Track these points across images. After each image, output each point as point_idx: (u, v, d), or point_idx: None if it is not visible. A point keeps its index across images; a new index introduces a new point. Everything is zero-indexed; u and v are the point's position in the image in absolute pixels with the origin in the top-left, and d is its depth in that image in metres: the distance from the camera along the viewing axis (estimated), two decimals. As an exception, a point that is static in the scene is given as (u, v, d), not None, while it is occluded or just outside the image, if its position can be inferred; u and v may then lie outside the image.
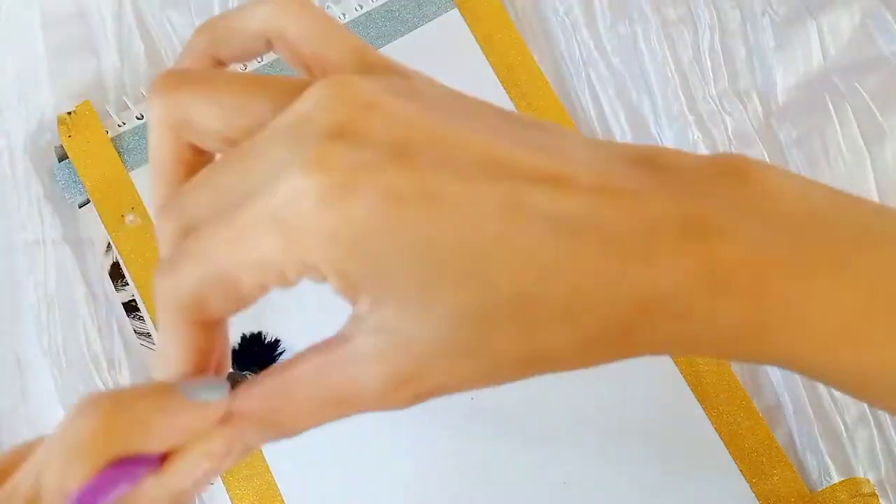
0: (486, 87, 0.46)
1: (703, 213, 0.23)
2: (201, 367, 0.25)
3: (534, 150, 0.23)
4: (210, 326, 0.25)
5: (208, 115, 0.24)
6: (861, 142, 0.45)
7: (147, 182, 0.44)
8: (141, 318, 0.43)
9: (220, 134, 0.24)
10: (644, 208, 0.23)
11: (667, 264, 0.23)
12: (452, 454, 0.41)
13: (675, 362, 0.42)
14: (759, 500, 0.40)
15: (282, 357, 0.42)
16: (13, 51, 0.47)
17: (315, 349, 0.24)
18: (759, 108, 0.46)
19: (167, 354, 0.24)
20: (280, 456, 0.41)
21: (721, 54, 0.47)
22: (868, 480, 0.40)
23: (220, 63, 0.27)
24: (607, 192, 0.23)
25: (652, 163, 0.24)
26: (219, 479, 0.41)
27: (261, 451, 0.41)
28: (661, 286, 0.23)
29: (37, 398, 0.42)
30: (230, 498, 0.40)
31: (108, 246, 0.44)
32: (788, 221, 0.23)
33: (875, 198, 0.45)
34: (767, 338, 0.23)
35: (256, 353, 0.42)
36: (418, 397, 0.24)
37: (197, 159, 0.25)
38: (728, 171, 0.24)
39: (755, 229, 0.23)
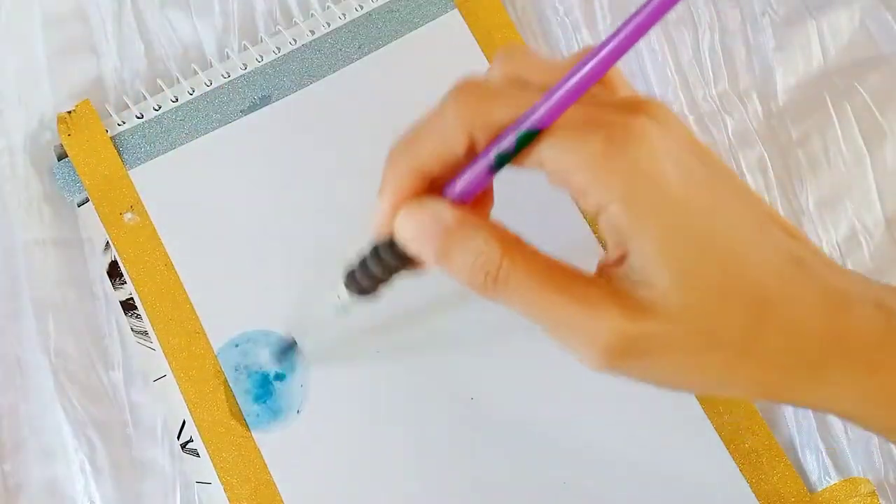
0: (486, 86, 0.46)
1: (891, 301, 0.29)
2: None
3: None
4: None
5: None
6: (861, 142, 0.45)
7: (151, 178, 0.44)
8: (138, 317, 0.43)
9: None
10: (850, 280, 0.30)
11: (864, 318, 0.29)
12: (452, 454, 0.41)
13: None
14: (758, 500, 0.40)
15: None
16: (13, 51, 0.47)
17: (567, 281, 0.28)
18: (759, 108, 0.46)
19: None
20: (278, 455, 0.41)
21: (721, 54, 0.47)
22: (867, 481, 0.40)
23: None
24: (831, 264, 0.29)
25: (846, 268, 0.32)
26: (216, 477, 0.41)
27: (259, 449, 0.41)
28: (858, 333, 0.28)
29: (37, 397, 0.42)
30: (228, 498, 0.40)
31: (107, 244, 0.44)
32: None
33: (875, 198, 0.45)
34: None
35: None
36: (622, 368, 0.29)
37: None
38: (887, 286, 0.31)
39: None
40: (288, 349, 0.42)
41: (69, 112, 0.45)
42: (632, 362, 0.28)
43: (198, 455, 0.41)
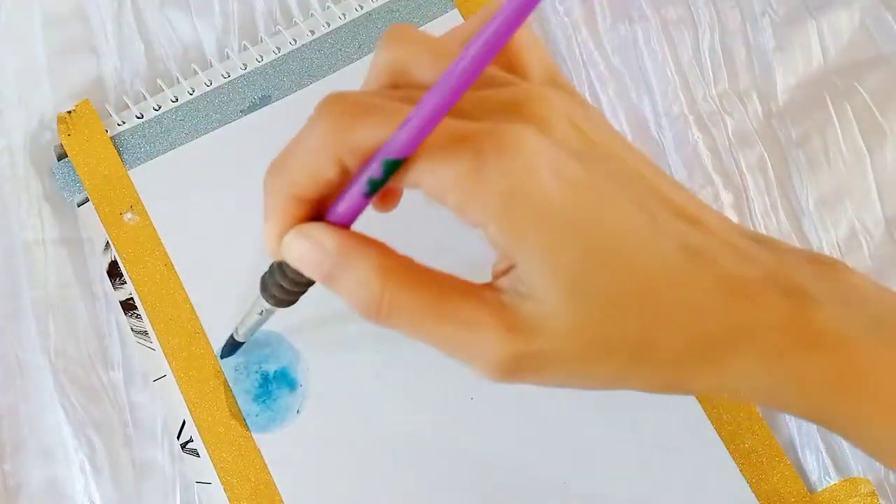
0: (486, 86, 0.46)
1: (800, 283, 0.28)
2: None
3: (681, 191, 0.29)
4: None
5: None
6: (861, 142, 0.45)
7: (151, 178, 0.44)
8: (138, 317, 0.43)
9: None
10: (755, 263, 0.28)
11: (767, 306, 0.27)
12: (452, 454, 0.41)
13: (674, 362, 0.42)
14: (758, 500, 0.40)
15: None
16: (13, 51, 0.47)
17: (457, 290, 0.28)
18: (759, 108, 0.46)
19: None
20: (278, 455, 0.41)
21: (721, 54, 0.47)
22: (867, 480, 0.40)
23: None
24: (729, 245, 0.28)
25: (762, 240, 0.29)
26: (216, 477, 0.41)
27: (259, 449, 0.41)
28: (760, 322, 0.27)
29: (37, 397, 0.42)
30: (228, 498, 0.40)
31: (107, 244, 0.44)
32: (867, 305, 0.28)
33: (875, 198, 0.45)
34: (841, 396, 0.28)
35: None
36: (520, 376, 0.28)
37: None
38: (821, 260, 0.29)
39: (839, 306, 0.28)
40: (233, 348, 0.42)
41: (69, 112, 0.45)
42: (525, 375, 0.28)
43: (198, 455, 0.41)
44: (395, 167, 0.26)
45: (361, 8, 0.47)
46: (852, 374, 0.28)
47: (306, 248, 0.28)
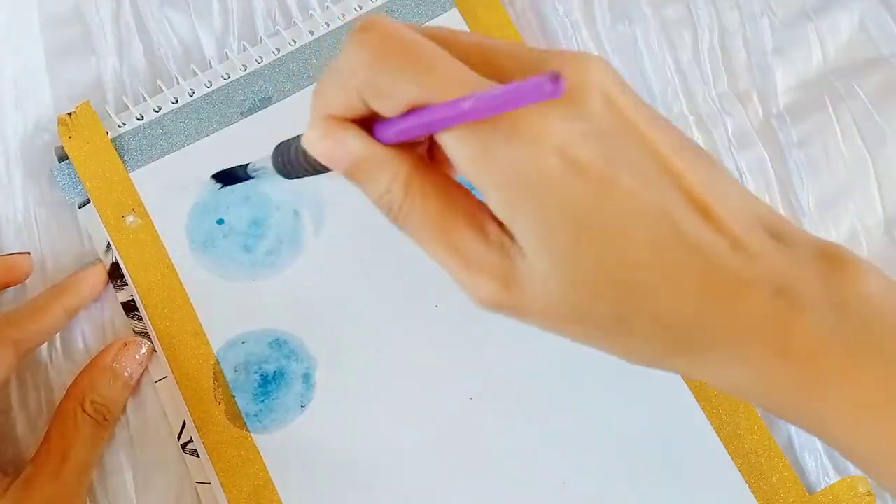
0: (486, 87, 0.46)
1: (794, 284, 0.28)
2: None
3: (699, 169, 0.28)
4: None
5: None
6: (861, 143, 0.45)
7: (152, 180, 0.44)
8: (139, 318, 0.43)
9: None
10: (756, 260, 0.28)
11: (750, 306, 0.27)
12: (451, 454, 0.41)
13: (674, 363, 0.42)
14: (757, 500, 0.40)
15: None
16: (12, 52, 0.47)
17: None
18: (759, 109, 0.46)
19: None
20: (278, 455, 0.41)
21: (721, 55, 0.47)
22: (865, 479, 0.40)
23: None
24: (741, 246, 0.28)
25: (779, 233, 0.29)
26: (216, 477, 0.41)
27: (258, 449, 0.41)
28: (738, 322, 0.28)
29: (37, 398, 0.43)
30: (227, 498, 0.40)
31: (108, 246, 0.44)
32: (860, 311, 0.28)
33: (875, 199, 0.45)
34: (805, 403, 0.28)
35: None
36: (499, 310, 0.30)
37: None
38: (832, 256, 0.29)
39: (828, 311, 0.28)
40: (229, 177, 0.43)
41: (70, 114, 0.45)
42: (509, 314, 0.30)
43: (197, 455, 0.41)
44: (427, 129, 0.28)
45: (361, 8, 0.47)
46: (816, 386, 0.28)
47: (333, 147, 0.30)
